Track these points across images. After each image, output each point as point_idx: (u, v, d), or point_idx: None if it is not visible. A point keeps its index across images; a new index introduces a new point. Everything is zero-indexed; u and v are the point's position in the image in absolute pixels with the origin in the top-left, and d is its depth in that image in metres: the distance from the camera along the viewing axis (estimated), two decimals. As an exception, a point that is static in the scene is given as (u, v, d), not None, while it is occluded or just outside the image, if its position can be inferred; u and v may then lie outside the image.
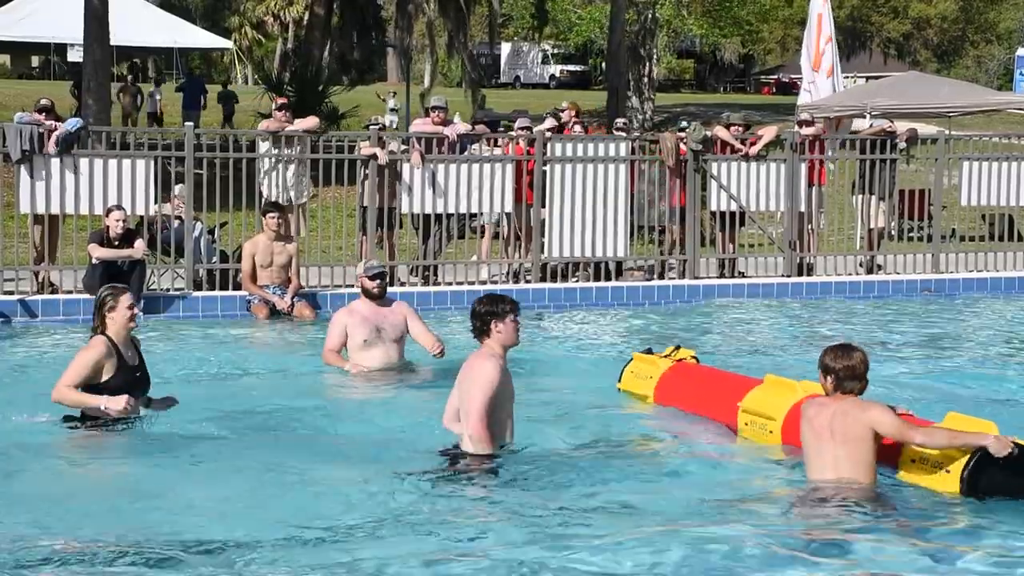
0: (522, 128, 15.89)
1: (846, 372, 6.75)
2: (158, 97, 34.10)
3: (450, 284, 14.73)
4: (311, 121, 15.14)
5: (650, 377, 9.14)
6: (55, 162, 13.68)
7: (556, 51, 61.16)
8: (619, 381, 9.35)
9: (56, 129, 13.74)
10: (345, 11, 34.12)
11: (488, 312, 7.41)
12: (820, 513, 6.40)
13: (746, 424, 8.01)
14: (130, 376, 7.93)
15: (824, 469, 6.70)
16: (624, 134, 16.87)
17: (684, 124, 17.10)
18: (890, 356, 11.47)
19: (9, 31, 35.81)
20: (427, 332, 10.19)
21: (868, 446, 6.62)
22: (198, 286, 14.11)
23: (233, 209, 14.95)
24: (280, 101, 15.42)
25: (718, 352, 10.79)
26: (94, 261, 13.06)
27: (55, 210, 13.78)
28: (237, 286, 13.86)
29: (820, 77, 24.04)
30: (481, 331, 7.42)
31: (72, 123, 14.45)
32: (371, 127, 15.69)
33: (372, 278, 10.17)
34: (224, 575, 5.52)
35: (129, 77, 37.07)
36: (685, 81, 64.64)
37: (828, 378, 6.82)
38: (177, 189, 14.39)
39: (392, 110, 12.94)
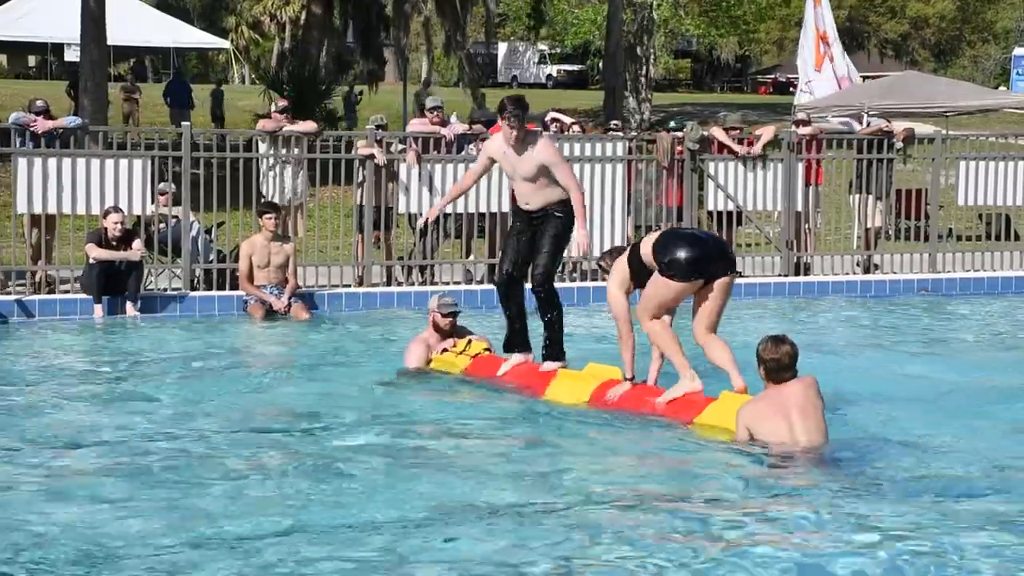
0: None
1: (774, 363, 7.53)
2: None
3: (447, 283, 14.73)
4: (309, 125, 15.15)
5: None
6: (52, 161, 13.68)
7: (553, 51, 61.18)
8: None
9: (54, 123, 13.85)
10: (347, 10, 34.10)
11: None
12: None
13: None
14: None
15: (814, 434, 7.45)
16: (620, 134, 16.87)
17: (673, 124, 17.10)
18: (887, 355, 11.48)
19: (6, 31, 35.85)
20: None
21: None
22: (194, 286, 14.10)
23: (230, 209, 14.95)
24: (282, 104, 15.39)
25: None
26: (91, 261, 13.06)
27: (52, 210, 13.77)
28: (234, 286, 13.86)
29: (819, 78, 24.13)
30: None
31: (71, 120, 14.56)
32: (369, 127, 15.68)
33: (445, 315, 10.17)
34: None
35: (130, 77, 37.06)
36: (682, 81, 64.67)
37: (761, 368, 7.61)
38: (162, 186, 14.40)
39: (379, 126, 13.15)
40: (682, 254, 8.29)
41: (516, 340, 9.63)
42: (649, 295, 8.49)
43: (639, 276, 8.55)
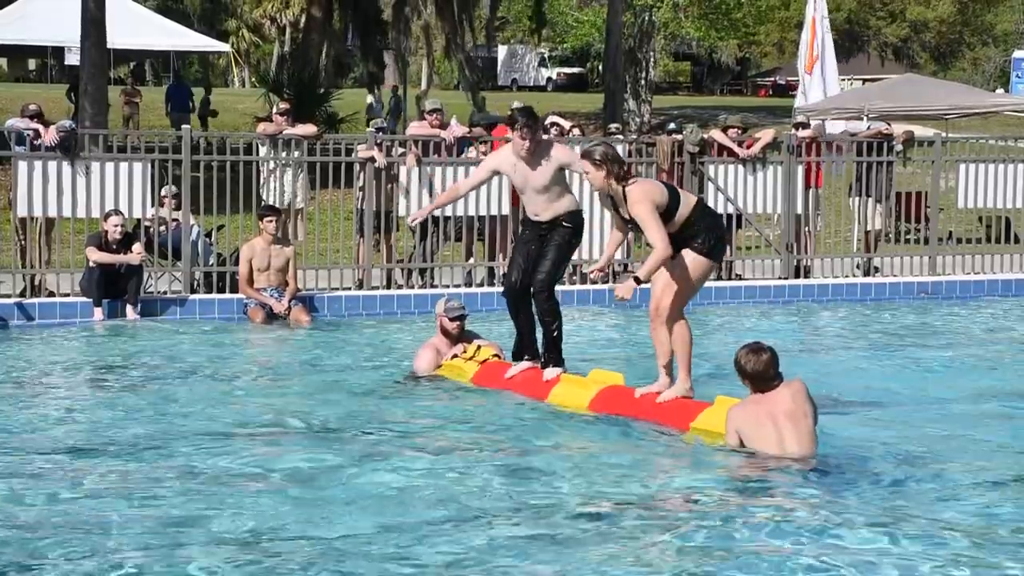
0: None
1: (758, 375, 7.42)
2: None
3: (447, 287, 14.72)
4: (309, 128, 15.15)
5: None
6: (52, 164, 13.69)
7: (553, 54, 61.18)
8: None
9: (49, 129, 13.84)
10: (347, 13, 34.07)
11: None
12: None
13: None
14: None
15: (805, 441, 7.34)
16: (620, 137, 16.87)
17: (672, 126, 17.09)
18: (887, 358, 11.48)
19: (6, 34, 35.75)
20: None
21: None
22: (194, 289, 14.10)
23: (230, 212, 14.96)
24: (283, 106, 15.38)
25: (714, 355, 10.78)
26: (91, 264, 13.07)
27: (52, 213, 13.78)
28: (234, 289, 13.86)
29: (811, 79, 24.19)
30: None
31: (67, 123, 14.59)
32: (369, 129, 15.69)
33: (453, 319, 10.15)
34: None
35: (130, 80, 37.05)
36: (682, 84, 64.70)
37: (745, 380, 7.50)
38: (164, 190, 14.40)
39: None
40: (722, 236, 8.53)
41: (526, 348, 9.63)
42: (690, 283, 8.43)
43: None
